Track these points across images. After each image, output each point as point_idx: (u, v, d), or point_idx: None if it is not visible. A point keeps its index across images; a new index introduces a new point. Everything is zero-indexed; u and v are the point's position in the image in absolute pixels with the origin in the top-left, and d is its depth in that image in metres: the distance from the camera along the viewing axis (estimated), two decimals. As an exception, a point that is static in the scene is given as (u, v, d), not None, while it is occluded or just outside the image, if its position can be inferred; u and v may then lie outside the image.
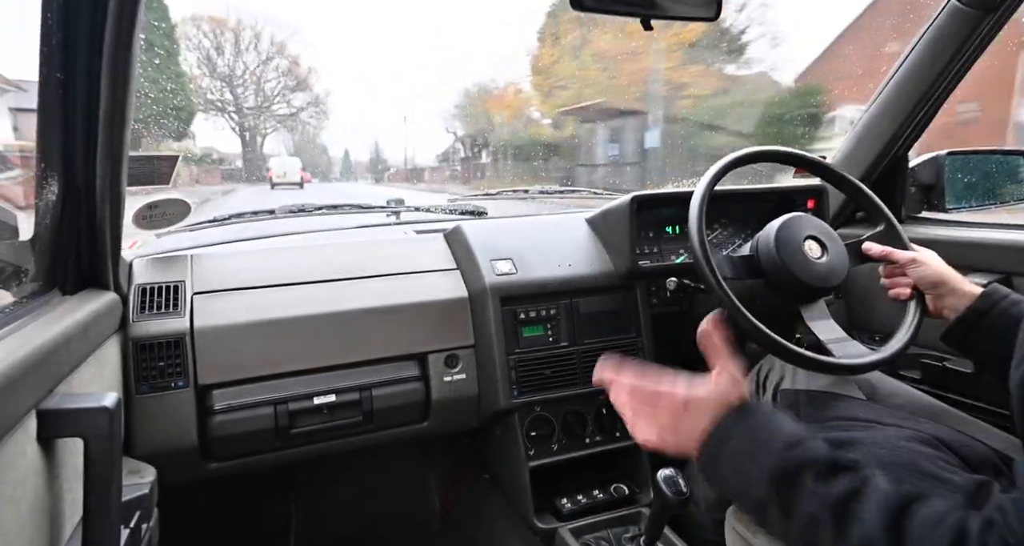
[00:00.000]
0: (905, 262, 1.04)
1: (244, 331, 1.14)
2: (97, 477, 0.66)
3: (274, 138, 22.39)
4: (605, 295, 1.36)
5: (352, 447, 1.24)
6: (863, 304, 1.48)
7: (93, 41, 0.76)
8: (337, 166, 28.29)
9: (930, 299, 1.03)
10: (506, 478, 1.37)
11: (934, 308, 1.02)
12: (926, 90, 1.38)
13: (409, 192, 15.28)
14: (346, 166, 28.70)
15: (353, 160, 29.29)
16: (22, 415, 0.60)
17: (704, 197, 1.07)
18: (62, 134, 0.81)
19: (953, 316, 0.98)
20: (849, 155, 1.55)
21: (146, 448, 1.05)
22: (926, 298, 1.03)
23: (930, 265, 1.02)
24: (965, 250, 1.31)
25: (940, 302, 1.01)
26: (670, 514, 1.04)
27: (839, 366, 0.99)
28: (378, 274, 1.29)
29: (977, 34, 1.27)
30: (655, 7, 0.94)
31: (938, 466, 0.84)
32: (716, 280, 1.00)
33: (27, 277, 0.84)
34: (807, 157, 1.21)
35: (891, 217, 1.14)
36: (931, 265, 1.02)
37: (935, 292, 1.01)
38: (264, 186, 15.88)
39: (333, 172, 27.50)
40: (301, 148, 23.58)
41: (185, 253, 1.25)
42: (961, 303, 0.96)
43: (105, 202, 0.87)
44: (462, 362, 1.28)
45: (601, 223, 1.44)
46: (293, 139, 23.81)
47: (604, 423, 1.34)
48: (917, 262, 1.03)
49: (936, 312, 1.02)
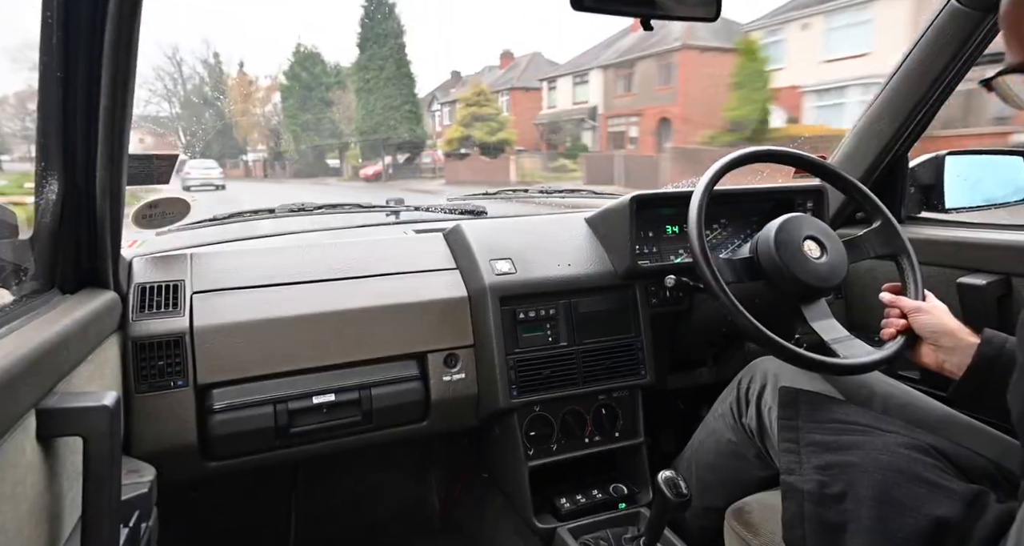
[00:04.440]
0: (910, 310, 1.02)
1: (244, 330, 1.14)
2: (96, 476, 0.66)
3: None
4: (604, 295, 1.36)
5: (351, 446, 1.24)
6: (862, 303, 1.48)
7: (93, 39, 0.76)
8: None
9: (930, 349, 1.00)
10: (505, 478, 1.37)
11: (934, 360, 0.99)
12: (926, 90, 1.38)
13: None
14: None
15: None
16: (22, 414, 0.60)
17: (703, 197, 1.07)
18: (62, 133, 0.81)
19: (953, 370, 0.96)
20: (849, 155, 1.55)
21: (145, 447, 1.05)
22: (926, 348, 1.00)
23: (935, 315, 1.00)
24: (964, 250, 1.31)
25: (940, 353, 0.98)
26: (670, 516, 1.05)
27: (837, 366, 0.99)
28: (378, 273, 1.29)
29: (976, 35, 1.26)
30: (655, 7, 0.94)
31: (935, 474, 0.85)
32: (715, 280, 1.00)
33: (27, 276, 0.84)
34: (807, 157, 1.22)
35: (890, 217, 1.15)
36: (936, 315, 1.00)
37: (936, 343, 0.99)
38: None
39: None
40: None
41: (185, 252, 1.25)
42: (964, 358, 0.93)
43: (105, 201, 0.87)
44: (461, 362, 1.28)
45: (600, 223, 1.44)
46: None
47: (603, 423, 1.34)
48: (922, 311, 1.01)
49: (936, 365, 0.99)
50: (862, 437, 0.92)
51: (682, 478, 0.98)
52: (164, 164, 1.13)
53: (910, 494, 0.82)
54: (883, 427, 0.94)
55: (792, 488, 0.90)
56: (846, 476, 0.87)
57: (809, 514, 0.87)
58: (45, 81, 0.78)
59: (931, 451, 0.89)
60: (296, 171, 22.28)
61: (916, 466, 0.85)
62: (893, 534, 0.79)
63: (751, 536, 1.00)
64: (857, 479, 0.85)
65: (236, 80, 23.29)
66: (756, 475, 1.12)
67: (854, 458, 0.88)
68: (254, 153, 22.14)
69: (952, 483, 0.84)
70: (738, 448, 1.15)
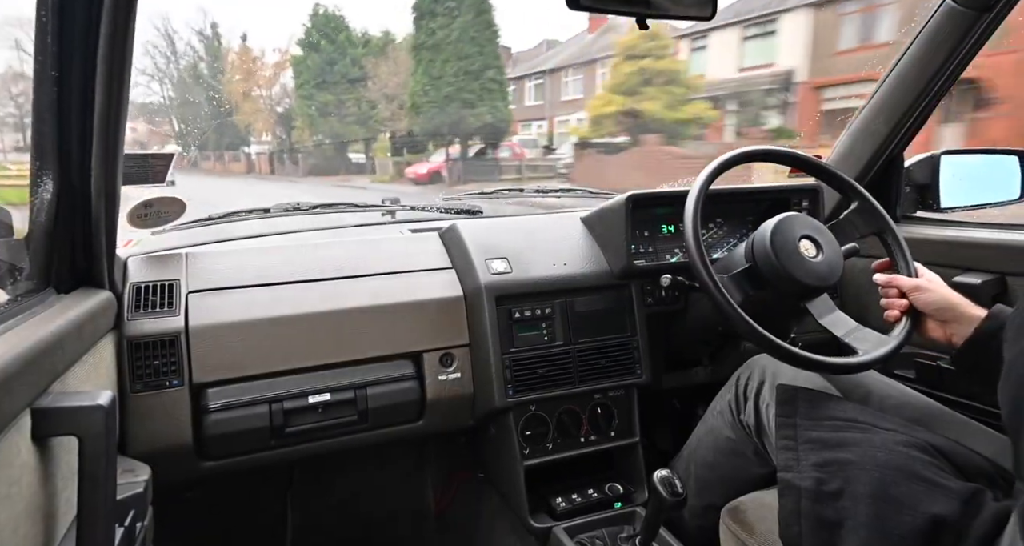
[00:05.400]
0: (909, 289, 1.02)
1: (239, 330, 1.14)
2: (92, 476, 0.66)
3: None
4: (600, 294, 1.36)
5: (347, 446, 1.24)
6: (858, 301, 1.49)
7: (88, 38, 0.76)
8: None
9: (936, 325, 1.00)
10: (501, 477, 1.37)
11: (942, 334, 0.99)
12: (921, 90, 1.38)
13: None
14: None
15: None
16: (16, 413, 0.60)
17: (699, 197, 1.08)
18: (57, 132, 0.81)
19: (960, 342, 0.95)
20: (844, 155, 1.55)
21: (141, 447, 1.05)
22: (932, 323, 1.00)
23: (935, 291, 1.00)
24: (959, 249, 1.32)
25: (947, 328, 0.98)
26: (666, 515, 1.05)
27: (835, 366, 0.99)
28: (373, 273, 1.29)
29: (972, 34, 1.27)
30: (651, 6, 0.94)
31: (933, 472, 0.85)
32: (711, 280, 1.01)
33: (22, 275, 0.84)
34: (802, 156, 1.22)
35: (886, 216, 1.15)
36: (937, 291, 1.00)
37: (941, 318, 0.99)
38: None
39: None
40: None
41: (180, 251, 1.25)
42: (969, 328, 0.94)
43: (100, 200, 0.87)
44: (457, 361, 1.28)
45: (596, 222, 1.44)
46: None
47: (599, 422, 1.34)
48: (922, 289, 1.00)
49: (944, 338, 0.99)
50: (860, 434, 0.92)
51: (678, 477, 0.98)
52: (160, 163, 1.13)
53: (907, 492, 0.82)
54: (881, 424, 0.94)
55: (789, 485, 0.90)
56: (843, 473, 0.87)
57: (806, 511, 0.87)
58: (40, 80, 0.77)
59: (929, 449, 0.89)
60: (311, 167, 17.61)
61: (914, 464, 0.86)
62: (890, 531, 0.80)
63: (746, 535, 1.01)
64: (854, 476, 0.86)
65: (238, 55, 18.75)
66: (755, 472, 1.13)
67: (852, 455, 0.88)
68: (258, 145, 17.97)
69: (949, 481, 0.84)
70: (736, 445, 1.15)
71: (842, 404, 1.01)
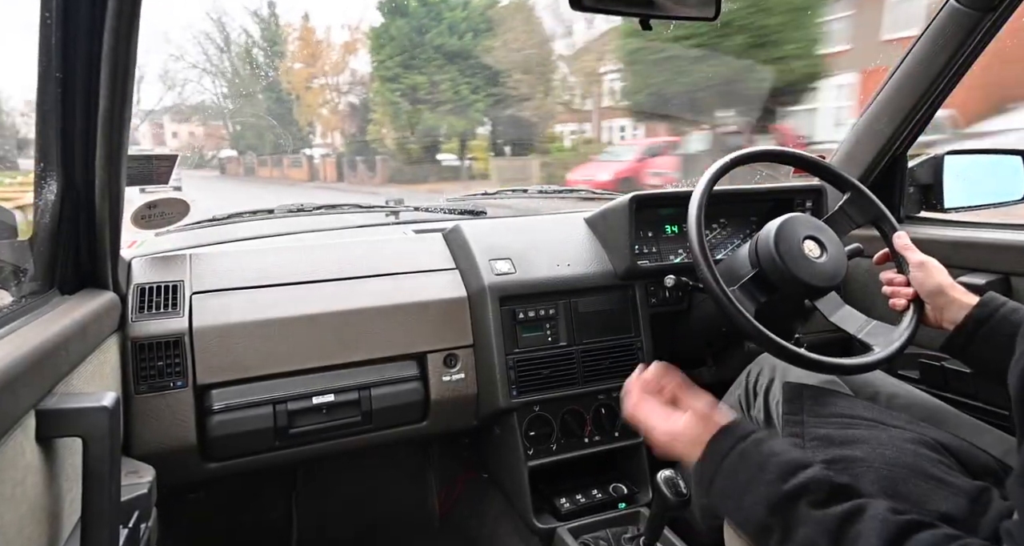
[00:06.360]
0: (916, 263, 1.03)
1: (243, 331, 1.14)
2: (96, 477, 0.66)
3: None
4: (604, 295, 1.36)
5: (351, 447, 1.24)
6: (861, 300, 1.48)
7: (92, 39, 0.76)
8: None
9: (929, 309, 1.02)
10: (505, 478, 1.37)
11: (934, 318, 1.02)
12: (925, 90, 1.38)
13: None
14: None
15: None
16: (21, 415, 0.60)
17: (703, 197, 1.07)
18: (61, 133, 0.81)
19: (948, 327, 0.98)
20: (848, 155, 1.55)
21: (145, 448, 1.05)
22: (926, 307, 1.03)
23: (933, 274, 1.01)
24: (963, 250, 1.32)
25: (939, 313, 1.00)
26: (670, 515, 1.04)
27: (839, 366, 0.99)
28: (377, 274, 1.29)
29: (975, 34, 1.27)
30: (654, 7, 0.94)
31: (940, 470, 0.85)
32: (715, 281, 1.00)
33: (26, 277, 0.84)
34: (806, 157, 1.22)
35: (889, 216, 1.15)
36: (934, 274, 1.01)
37: (934, 302, 1.00)
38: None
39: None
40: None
41: (184, 253, 1.25)
42: (960, 314, 0.96)
43: (104, 202, 0.87)
44: (461, 362, 1.28)
45: (600, 223, 1.44)
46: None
47: (603, 423, 1.34)
48: (926, 267, 1.02)
49: (936, 322, 1.01)
50: (867, 432, 0.92)
51: (682, 477, 0.97)
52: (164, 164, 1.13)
53: (915, 489, 0.82)
54: (888, 422, 0.94)
55: None
56: (851, 470, 0.87)
57: None
58: (44, 81, 0.77)
59: (936, 447, 0.89)
60: (393, 173, 13.02)
61: (921, 461, 0.85)
62: None
63: (751, 540, 1.00)
64: (862, 473, 0.85)
65: (300, 37, 15.20)
66: None
67: (859, 452, 0.88)
68: (321, 147, 14.84)
69: (957, 479, 0.84)
70: None
71: (849, 401, 1.01)
